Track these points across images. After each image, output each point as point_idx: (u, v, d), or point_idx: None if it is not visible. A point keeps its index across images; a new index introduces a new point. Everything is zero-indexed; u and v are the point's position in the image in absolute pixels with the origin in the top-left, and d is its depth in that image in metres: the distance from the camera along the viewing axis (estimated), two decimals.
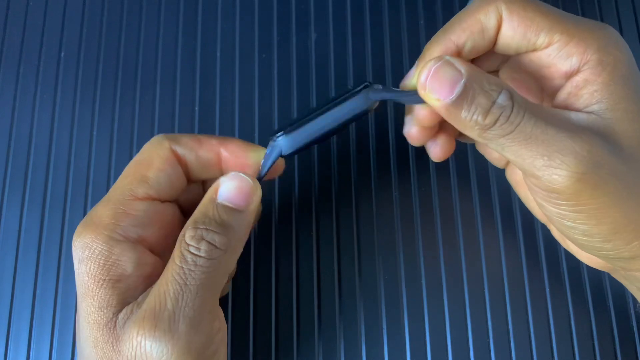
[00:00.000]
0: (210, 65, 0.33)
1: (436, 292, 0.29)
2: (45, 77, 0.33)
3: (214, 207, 0.22)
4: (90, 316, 0.21)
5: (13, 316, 0.29)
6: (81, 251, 0.22)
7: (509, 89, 0.21)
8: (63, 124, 0.32)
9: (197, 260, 0.21)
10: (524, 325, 0.29)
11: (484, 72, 0.21)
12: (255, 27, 0.34)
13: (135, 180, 0.23)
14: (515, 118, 0.20)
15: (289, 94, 0.33)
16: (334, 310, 0.29)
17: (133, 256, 0.22)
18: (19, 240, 0.31)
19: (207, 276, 0.21)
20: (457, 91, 0.20)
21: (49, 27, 0.34)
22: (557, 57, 0.21)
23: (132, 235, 0.23)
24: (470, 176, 0.31)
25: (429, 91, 0.21)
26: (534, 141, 0.20)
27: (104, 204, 0.23)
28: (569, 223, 0.21)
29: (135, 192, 0.23)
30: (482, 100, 0.20)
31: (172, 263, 0.21)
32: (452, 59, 0.21)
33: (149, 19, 0.34)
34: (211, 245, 0.22)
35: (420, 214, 0.30)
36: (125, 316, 0.21)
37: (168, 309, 0.20)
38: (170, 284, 0.21)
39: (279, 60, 0.33)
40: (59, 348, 0.29)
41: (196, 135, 0.25)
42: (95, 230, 0.22)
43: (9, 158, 0.32)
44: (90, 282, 0.22)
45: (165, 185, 0.24)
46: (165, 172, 0.24)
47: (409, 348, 0.28)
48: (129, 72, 0.33)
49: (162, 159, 0.24)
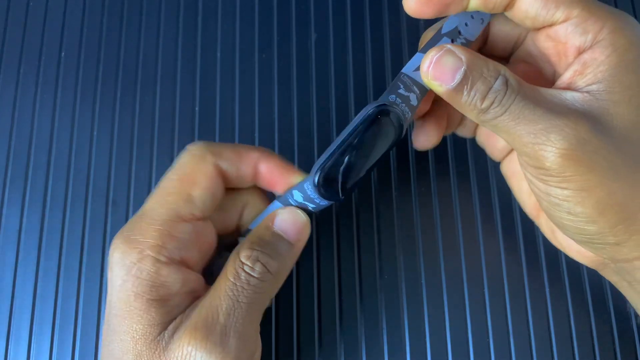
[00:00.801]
0: (210, 65, 0.33)
1: (436, 292, 0.29)
2: (45, 77, 0.33)
3: (270, 234, 0.24)
4: (136, 332, 0.22)
5: (13, 316, 0.29)
6: (125, 269, 0.22)
7: (505, 75, 0.21)
8: (63, 124, 0.32)
9: (250, 279, 0.22)
10: (524, 325, 0.29)
11: (483, 59, 0.22)
12: (255, 27, 0.34)
13: (181, 199, 0.23)
14: (507, 101, 0.21)
15: (289, 94, 0.33)
16: (334, 310, 0.29)
17: (179, 277, 0.23)
18: (19, 241, 0.31)
19: (257, 296, 0.22)
20: (458, 78, 0.21)
21: (49, 27, 0.34)
22: (574, 32, 0.22)
23: (176, 257, 0.23)
24: (470, 176, 0.31)
25: (431, 78, 0.22)
26: (522, 120, 0.21)
27: (149, 222, 0.23)
28: (554, 200, 0.21)
29: (181, 214, 0.23)
30: (481, 86, 0.21)
31: (225, 279, 0.22)
32: (453, 47, 0.22)
33: (149, 19, 0.34)
34: (264, 267, 0.23)
35: (420, 214, 0.30)
36: (173, 328, 0.22)
37: (220, 323, 0.21)
38: (223, 299, 0.22)
39: (279, 60, 0.33)
40: (59, 348, 0.29)
41: (236, 147, 0.25)
42: (141, 252, 0.22)
43: (9, 158, 0.32)
44: (138, 301, 0.22)
45: (210, 205, 0.24)
46: (210, 190, 0.24)
47: (409, 348, 0.28)
48: (129, 72, 0.33)
49: (207, 176, 0.24)
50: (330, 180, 0.23)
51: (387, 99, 0.23)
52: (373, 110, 0.23)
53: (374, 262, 0.30)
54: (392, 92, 0.23)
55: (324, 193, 0.23)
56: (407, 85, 0.23)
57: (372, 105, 0.23)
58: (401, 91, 0.23)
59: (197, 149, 0.24)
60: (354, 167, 0.23)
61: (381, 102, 0.23)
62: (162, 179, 0.24)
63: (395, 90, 0.23)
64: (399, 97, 0.23)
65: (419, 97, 0.24)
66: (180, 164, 0.24)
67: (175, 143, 0.32)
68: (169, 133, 0.32)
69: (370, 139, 0.23)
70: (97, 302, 0.29)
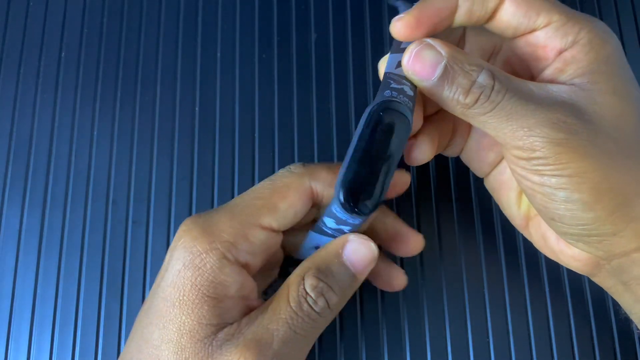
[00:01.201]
0: (210, 65, 0.33)
1: (436, 292, 0.29)
2: (45, 78, 0.33)
3: (339, 264, 0.23)
4: (185, 326, 0.21)
5: (13, 316, 0.29)
6: (190, 255, 0.22)
7: (490, 69, 0.21)
8: (63, 124, 0.32)
9: (311, 313, 0.22)
10: (524, 325, 0.29)
11: (465, 53, 0.22)
12: (255, 27, 0.34)
13: (266, 207, 0.23)
14: (497, 97, 0.21)
15: (289, 94, 0.33)
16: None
17: (239, 279, 0.22)
18: (20, 241, 0.31)
19: (313, 330, 0.22)
20: (438, 72, 0.21)
21: (49, 28, 0.34)
22: (554, 35, 0.22)
23: (242, 260, 0.23)
24: (470, 176, 0.31)
25: (412, 73, 0.22)
26: (514, 116, 0.21)
27: (229, 217, 0.23)
28: (549, 190, 0.21)
29: (261, 220, 0.23)
30: (463, 81, 0.21)
31: (287, 305, 0.22)
32: (433, 41, 0.21)
33: (149, 19, 0.34)
34: (326, 303, 0.22)
35: (420, 215, 0.30)
36: (225, 337, 0.21)
37: (274, 349, 0.21)
38: (282, 325, 0.21)
39: (279, 60, 0.33)
40: (59, 348, 0.29)
41: (333, 167, 0.25)
42: (212, 242, 0.22)
43: (10, 158, 0.32)
44: (194, 292, 0.22)
45: (290, 221, 0.24)
46: (295, 208, 0.24)
47: (409, 348, 0.28)
48: (129, 72, 0.33)
49: (298, 195, 0.24)
50: (357, 193, 0.21)
51: (383, 96, 0.22)
52: (375, 108, 0.22)
53: None
54: (385, 89, 0.23)
55: (353, 209, 0.21)
56: (396, 80, 0.23)
57: (372, 106, 0.22)
58: (394, 85, 0.23)
59: (297, 167, 0.25)
60: (377, 173, 0.22)
61: (379, 100, 0.22)
62: (257, 185, 0.24)
63: (388, 86, 0.23)
64: (394, 90, 0.23)
65: (412, 88, 0.23)
66: (278, 176, 0.24)
67: (175, 143, 0.32)
68: (169, 133, 0.32)
69: (383, 139, 0.22)
70: (97, 303, 0.29)
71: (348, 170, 0.22)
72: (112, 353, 0.29)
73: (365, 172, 0.22)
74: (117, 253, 0.30)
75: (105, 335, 0.29)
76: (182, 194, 0.31)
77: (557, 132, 0.20)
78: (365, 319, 0.29)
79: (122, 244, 0.30)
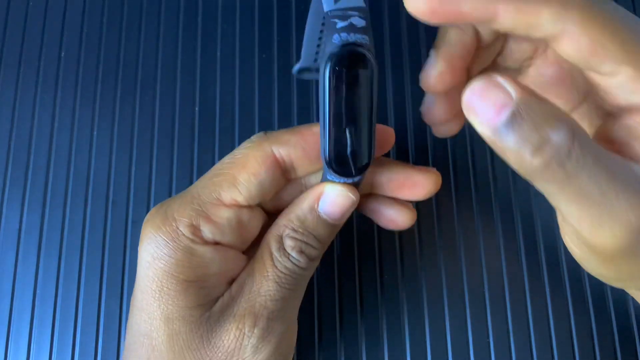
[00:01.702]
0: (210, 65, 0.33)
1: (436, 292, 0.29)
2: (45, 77, 0.33)
3: (313, 218, 0.22)
4: (173, 313, 0.21)
5: (13, 316, 0.29)
6: (156, 246, 0.21)
7: (572, 127, 0.16)
8: (63, 124, 0.32)
9: (295, 269, 0.22)
10: (524, 325, 0.29)
11: (542, 100, 0.17)
12: (255, 27, 0.34)
13: (225, 182, 0.22)
14: (573, 166, 0.16)
15: (289, 93, 0.33)
16: (334, 309, 0.29)
17: (215, 257, 0.22)
18: (19, 241, 0.31)
19: (301, 283, 0.23)
20: (504, 118, 0.17)
21: (49, 27, 0.34)
22: (618, 88, 0.18)
23: (210, 240, 0.22)
24: (469, 177, 0.31)
25: (471, 111, 0.18)
26: (587, 200, 0.17)
27: (187, 201, 0.22)
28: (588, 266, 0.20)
29: (222, 197, 0.22)
30: (533, 135, 0.16)
31: (273, 267, 0.22)
32: (502, 80, 0.17)
33: (149, 19, 0.34)
34: (307, 257, 0.22)
35: (419, 215, 0.30)
36: (220, 310, 0.22)
37: (269, 309, 0.22)
38: (272, 286, 0.22)
39: (279, 60, 0.33)
40: (58, 348, 0.29)
41: (297, 129, 0.23)
42: (174, 231, 0.21)
43: (9, 158, 0.32)
44: (171, 281, 0.21)
45: (256, 193, 0.22)
46: (259, 177, 0.22)
47: (409, 348, 0.28)
48: (129, 72, 0.33)
49: (258, 162, 0.22)
50: (345, 157, 0.20)
51: (333, 43, 0.19)
52: (334, 62, 0.19)
53: (374, 262, 0.30)
54: (332, 32, 0.19)
55: (347, 173, 0.21)
56: (341, 16, 0.19)
57: (326, 59, 0.19)
58: (341, 25, 0.19)
59: (255, 137, 0.23)
60: (359, 131, 0.20)
61: (331, 50, 0.19)
62: (217, 163, 0.23)
63: (333, 29, 0.19)
64: (342, 31, 0.19)
65: (362, 15, 0.20)
66: (238, 149, 0.23)
67: (175, 143, 0.32)
68: (169, 133, 0.32)
69: (353, 94, 0.20)
70: (97, 303, 0.29)
71: (328, 137, 0.20)
72: (111, 353, 0.29)
73: (346, 135, 0.20)
74: (117, 253, 0.30)
75: (105, 335, 0.29)
76: None
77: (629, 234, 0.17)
78: (365, 317, 0.29)
79: (121, 244, 0.30)
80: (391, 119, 0.32)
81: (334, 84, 0.19)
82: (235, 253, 0.23)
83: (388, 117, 0.32)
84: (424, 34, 0.33)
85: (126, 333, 0.23)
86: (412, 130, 0.32)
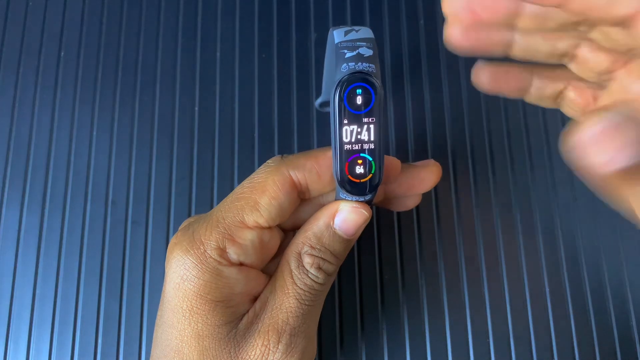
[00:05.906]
0: (210, 65, 0.33)
1: (435, 292, 0.29)
2: (45, 77, 0.33)
3: (330, 235, 0.24)
4: (203, 331, 0.22)
5: (13, 316, 0.29)
6: (186, 270, 0.22)
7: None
8: (63, 124, 0.32)
9: (314, 285, 0.23)
10: (524, 325, 0.29)
11: None
12: (255, 27, 0.34)
13: (248, 206, 0.23)
14: None
15: (289, 94, 0.33)
16: (333, 309, 0.29)
17: (240, 277, 0.23)
18: (19, 240, 0.31)
19: (319, 299, 0.24)
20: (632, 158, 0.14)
21: (48, 27, 0.34)
22: None
23: (236, 261, 0.23)
24: (469, 178, 0.31)
25: (586, 152, 0.15)
26: None
27: (213, 225, 0.23)
28: None
29: (245, 220, 0.23)
30: None
31: (293, 284, 0.23)
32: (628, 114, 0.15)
33: (149, 19, 0.34)
34: (325, 273, 0.23)
35: (419, 215, 0.30)
36: (246, 327, 0.23)
37: (291, 325, 0.23)
38: (292, 303, 0.23)
39: (279, 60, 0.33)
40: (58, 348, 0.29)
41: (312, 153, 0.24)
42: (202, 254, 0.23)
43: (9, 158, 0.32)
44: (201, 301, 0.22)
45: (276, 214, 0.24)
46: (278, 200, 0.24)
47: (409, 348, 0.28)
48: (129, 72, 0.33)
49: (277, 186, 0.24)
50: (355, 179, 0.22)
51: (341, 72, 0.21)
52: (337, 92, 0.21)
53: (374, 263, 0.30)
54: (341, 63, 0.21)
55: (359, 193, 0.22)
56: (350, 47, 0.21)
57: (332, 89, 0.21)
58: (349, 55, 0.21)
59: (272, 160, 0.25)
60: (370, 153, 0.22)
61: (337, 79, 0.21)
62: (237, 186, 0.25)
63: (342, 58, 0.21)
64: (351, 60, 0.21)
65: (369, 45, 0.21)
66: (256, 173, 0.24)
67: (175, 143, 0.32)
68: (168, 133, 0.32)
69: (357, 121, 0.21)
70: (97, 303, 0.29)
71: (340, 160, 0.22)
72: (111, 353, 0.29)
73: (356, 157, 0.22)
74: (116, 253, 0.30)
75: (104, 335, 0.29)
76: (181, 194, 0.31)
77: None
78: (365, 317, 0.29)
79: (121, 244, 0.30)
80: (391, 119, 0.32)
81: (346, 110, 0.21)
82: (257, 272, 0.24)
83: (388, 117, 0.32)
84: (424, 36, 0.33)
85: (153, 347, 0.24)
86: (412, 130, 0.32)
